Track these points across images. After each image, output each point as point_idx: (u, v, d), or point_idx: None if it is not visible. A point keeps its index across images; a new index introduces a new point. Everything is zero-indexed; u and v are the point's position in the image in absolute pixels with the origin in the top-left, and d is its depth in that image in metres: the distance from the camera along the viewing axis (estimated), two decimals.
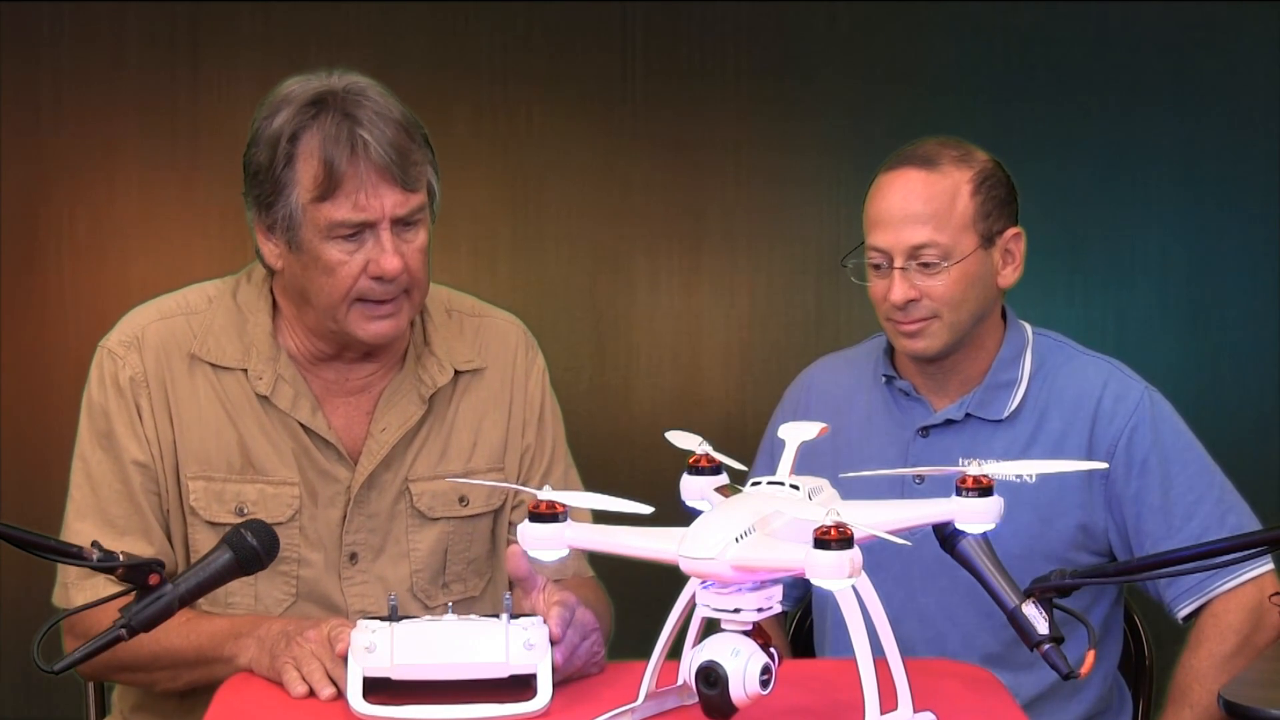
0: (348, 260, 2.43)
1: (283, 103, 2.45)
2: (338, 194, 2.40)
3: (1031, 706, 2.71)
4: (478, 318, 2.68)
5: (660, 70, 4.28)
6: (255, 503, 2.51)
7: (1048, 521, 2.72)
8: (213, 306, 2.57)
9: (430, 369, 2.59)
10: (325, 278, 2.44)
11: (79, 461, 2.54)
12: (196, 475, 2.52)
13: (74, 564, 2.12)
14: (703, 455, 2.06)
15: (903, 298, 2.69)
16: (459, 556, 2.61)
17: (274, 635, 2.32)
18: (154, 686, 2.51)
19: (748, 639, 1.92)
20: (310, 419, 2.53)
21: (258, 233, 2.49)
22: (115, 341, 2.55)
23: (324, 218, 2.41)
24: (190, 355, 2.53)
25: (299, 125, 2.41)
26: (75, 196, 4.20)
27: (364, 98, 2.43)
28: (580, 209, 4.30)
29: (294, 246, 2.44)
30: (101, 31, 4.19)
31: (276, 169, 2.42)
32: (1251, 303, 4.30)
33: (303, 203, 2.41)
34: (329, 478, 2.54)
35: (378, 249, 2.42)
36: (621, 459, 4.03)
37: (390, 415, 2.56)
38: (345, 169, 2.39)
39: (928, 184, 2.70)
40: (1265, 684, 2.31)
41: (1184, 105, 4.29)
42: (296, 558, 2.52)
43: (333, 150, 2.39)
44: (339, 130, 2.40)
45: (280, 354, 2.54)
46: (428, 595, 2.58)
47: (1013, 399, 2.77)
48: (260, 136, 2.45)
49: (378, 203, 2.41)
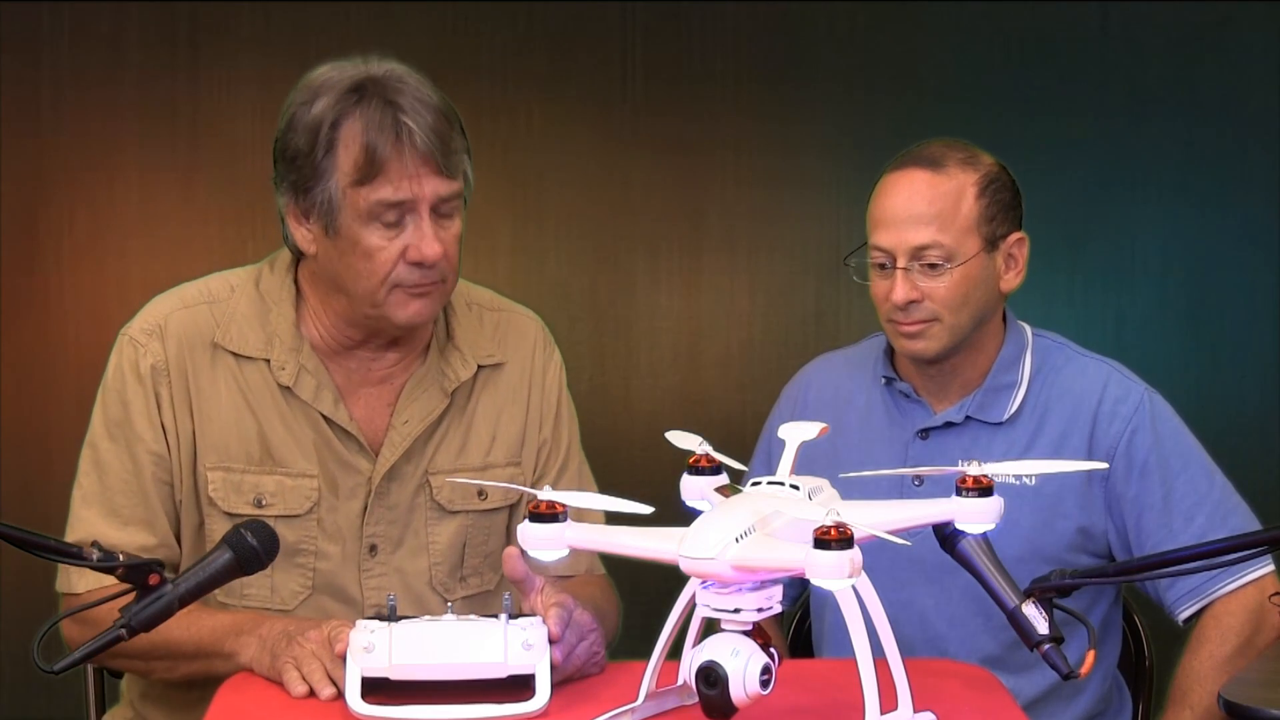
0: (386, 245, 2.43)
1: (321, 89, 2.44)
2: (379, 179, 2.40)
3: (1031, 708, 2.71)
4: (497, 312, 2.69)
5: (660, 71, 4.27)
6: (274, 494, 2.51)
7: (1047, 524, 2.72)
8: (235, 295, 2.57)
9: (454, 363, 2.60)
10: (364, 263, 2.44)
11: (89, 449, 2.53)
12: (215, 466, 2.51)
13: (74, 564, 2.13)
14: (703, 455, 2.06)
15: (904, 298, 2.69)
16: (477, 550, 2.61)
17: (275, 635, 2.32)
18: (150, 675, 2.52)
19: (748, 639, 1.92)
20: (332, 410, 2.53)
21: (290, 218, 2.48)
22: (138, 329, 2.54)
23: (364, 201, 2.41)
24: (213, 344, 2.53)
25: (340, 112, 2.42)
26: (75, 196, 4.20)
27: (404, 84, 2.44)
28: (580, 209, 4.30)
29: (331, 231, 2.44)
30: (101, 31, 4.19)
31: (317, 155, 2.42)
32: (1251, 303, 4.30)
33: (342, 186, 2.42)
34: (350, 469, 2.54)
35: (418, 234, 2.43)
36: (621, 459, 4.02)
37: (413, 408, 2.56)
38: (389, 155, 2.40)
39: (933, 185, 2.69)
40: (1265, 684, 2.31)
41: (1184, 106, 4.28)
42: (314, 550, 2.52)
43: (376, 137, 2.40)
44: (382, 117, 2.41)
45: (303, 344, 2.54)
46: (445, 588, 2.59)
47: (1012, 401, 2.77)
48: (298, 122, 2.44)
49: (418, 186, 2.41)
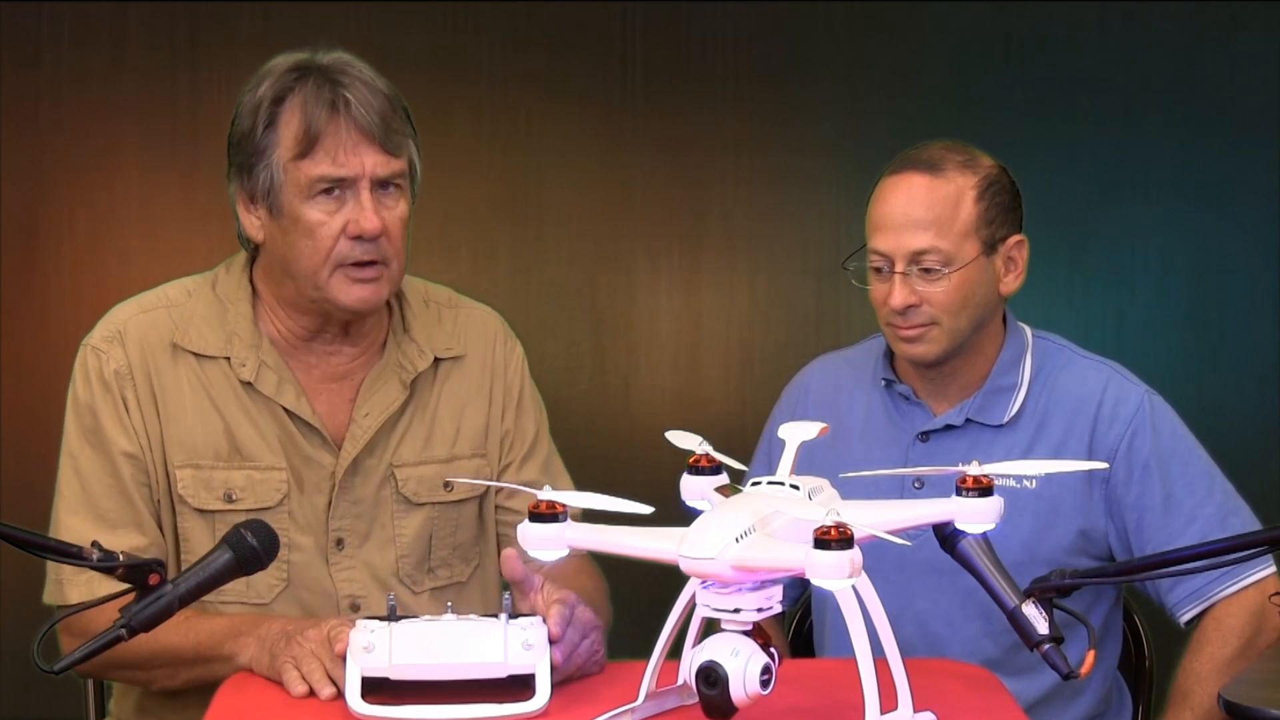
0: (327, 220, 2.46)
1: (266, 74, 2.51)
2: (317, 150, 2.44)
3: (1031, 710, 2.70)
4: (455, 308, 2.72)
5: (660, 71, 4.27)
6: (244, 489, 2.52)
7: (1048, 526, 2.71)
8: (192, 299, 2.60)
9: (410, 354, 2.62)
10: (306, 240, 2.47)
11: (67, 459, 2.55)
12: (184, 464, 2.53)
13: (74, 564, 2.12)
14: (703, 455, 2.06)
15: (902, 303, 2.68)
16: (444, 542, 2.62)
17: (274, 634, 2.32)
18: (151, 685, 2.52)
19: (748, 639, 1.92)
20: (295, 404, 2.55)
21: (240, 208, 2.53)
22: (98, 338, 2.57)
23: (304, 175, 2.45)
24: (173, 345, 2.55)
25: (281, 89, 2.47)
26: (75, 196, 4.20)
27: (349, 67, 2.50)
28: (580, 209, 4.30)
29: (275, 211, 2.48)
30: (101, 31, 4.18)
31: (258, 132, 2.47)
32: (1251, 303, 4.30)
33: (283, 162, 2.45)
34: (314, 463, 2.56)
35: (357, 208, 2.46)
36: (621, 459, 4.02)
37: (373, 401, 2.58)
38: (325, 127, 2.44)
39: (931, 189, 2.68)
40: (1265, 684, 2.31)
41: (1184, 106, 4.28)
42: (287, 542, 2.52)
43: (314, 109, 2.44)
44: (320, 91, 2.45)
45: (262, 340, 2.56)
46: (413, 580, 2.60)
47: (1012, 404, 2.77)
48: (243, 107, 2.50)
49: (357, 160, 2.45)
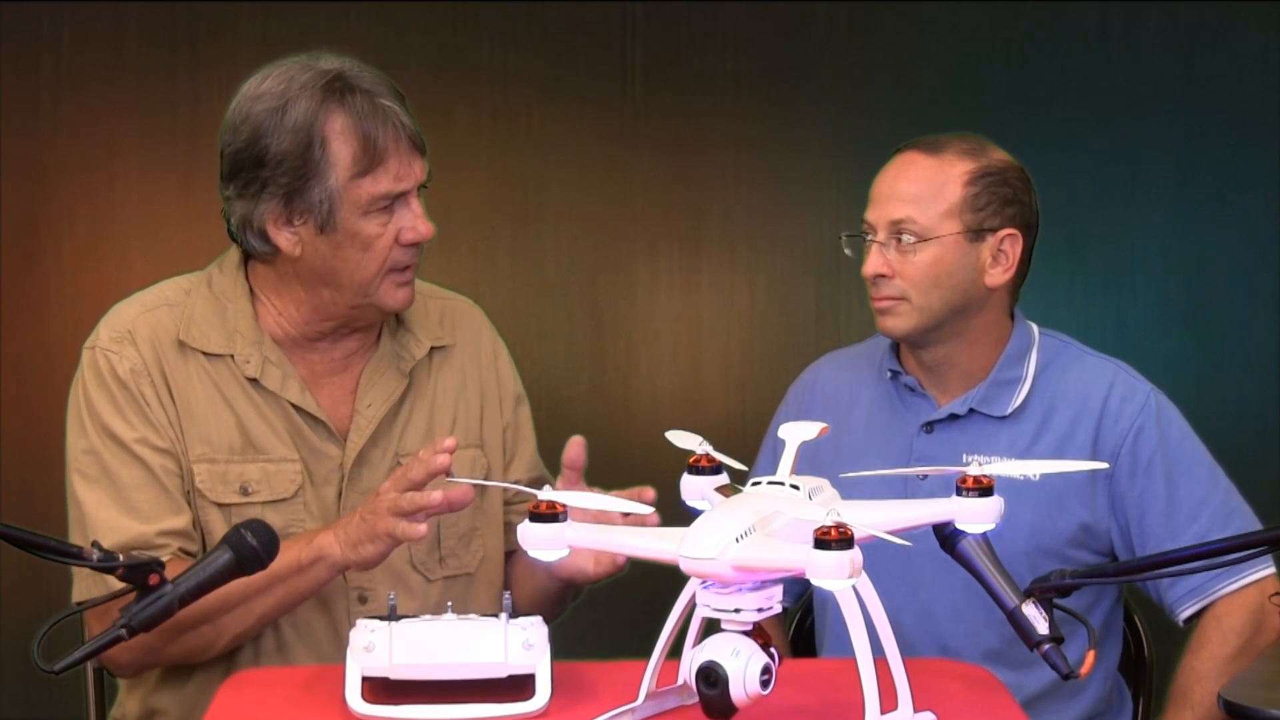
0: (383, 232, 2.49)
1: (289, 91, 2.47)
2: (378, 169, 2.46)
3: (1032, 705, 2.71)
4: (440, 299, 2.74)
5: (660, 71, 4.27)
6: (259, 481, 2.53)
7: (1050, 519, 2.72)
8: (191, 297, 2.59)
9: (407, 344, 2.64)
10: (361, 253, 2.49)
11: (90, 458, 2.51)
12: (200, 458, 2.53)
13: (74, 564, 2.12)
14: (703, 455, 2.07)
15: (873, 271, 2.72)
16: (450, 531, 2.64)
17: (350, 519, 2.39)
18: (218, 639, 2.48)
19: (748, 639, 1.92)
20: (300, 398, 2.56)
21: (269, 224, 2.49)
22: (106, 339, 2.55)
23: (365, 193, 2.47)
24: (180, 343, 2.55)
25: (325, 108, 2.46)
26: (75, 196, 4.19)
27: (365, 74, 2.51)
28: (580, 209, 4.30)
29: (328, 228, 2.48)
30: (101, 31, 4.18)
31: (313, 154, 2.45)
32: (1251, 303, 4.30)
33: (341, 182, 2.46)
34: (322, 456, 2.56)
35: (409, 216, 2.50)
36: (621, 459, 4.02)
37: (374, 391, 2.60)
38: (388, 144, 2.46)
39: (923, 166, 2.73)
40: (1265, 684, 2.31)
41: (1184, 106, 4.28)
42: (304, 532, 2.52)
43: (370, 127, 2.46)
44: (367, 107, 2.47)
45: (264, 337, 2.56)
46: (427, 568, 2.62)
47: (1016, 396, 2.77)
48: (271, 128, 2.46)
49: (411, 172, 2.50)
